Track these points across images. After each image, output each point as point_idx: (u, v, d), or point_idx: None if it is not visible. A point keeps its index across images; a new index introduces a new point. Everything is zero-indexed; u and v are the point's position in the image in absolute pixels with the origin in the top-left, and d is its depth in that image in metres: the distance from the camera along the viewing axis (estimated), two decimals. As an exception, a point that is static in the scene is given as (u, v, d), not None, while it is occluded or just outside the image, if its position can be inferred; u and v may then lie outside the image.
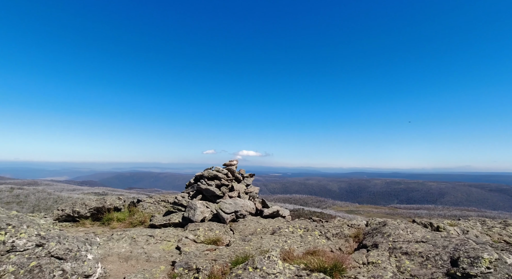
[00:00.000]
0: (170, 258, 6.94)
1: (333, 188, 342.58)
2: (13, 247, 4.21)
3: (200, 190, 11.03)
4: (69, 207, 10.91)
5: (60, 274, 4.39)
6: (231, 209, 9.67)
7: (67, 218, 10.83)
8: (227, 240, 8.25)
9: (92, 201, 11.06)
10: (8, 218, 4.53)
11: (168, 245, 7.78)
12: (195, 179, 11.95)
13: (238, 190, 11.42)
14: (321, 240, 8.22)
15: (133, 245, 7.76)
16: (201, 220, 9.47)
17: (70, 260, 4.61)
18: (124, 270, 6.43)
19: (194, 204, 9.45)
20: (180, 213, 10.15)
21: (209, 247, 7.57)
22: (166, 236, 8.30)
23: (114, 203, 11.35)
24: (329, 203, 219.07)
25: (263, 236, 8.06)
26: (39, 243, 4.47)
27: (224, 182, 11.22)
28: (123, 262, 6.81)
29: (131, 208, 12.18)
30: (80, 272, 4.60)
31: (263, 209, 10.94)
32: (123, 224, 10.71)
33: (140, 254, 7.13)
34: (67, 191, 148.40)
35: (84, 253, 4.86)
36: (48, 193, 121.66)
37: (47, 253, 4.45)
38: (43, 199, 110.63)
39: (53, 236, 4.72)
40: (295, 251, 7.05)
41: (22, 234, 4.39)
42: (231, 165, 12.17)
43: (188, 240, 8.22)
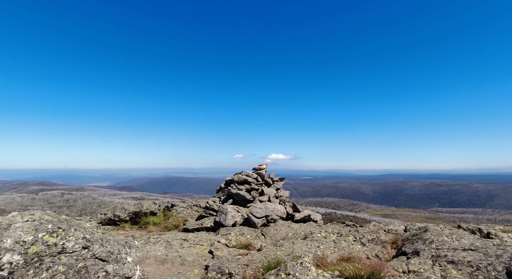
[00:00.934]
0: (203, 262, 7.09)
1: (366, 191, 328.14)
2: (63, 249, 4.57)
3: (231, 194, 11.17)
4: (111, 211, 11.65)
5: (103, 275, 4.68)
6: (261, 214, 9.66)
7: (109, 222, 11.56)
8: (259, 244, 8.23)
9: (130, 206, 11.71)
10: (59, 221, 4.94)
11: (201, 249, 7.96)
12: (226, 184, 12.14)
13: (268, 194, 11.39)
14: (356, 246, 7.88)
15: (168, 248, 8.06)
16: (232, 224, 9.56)
17: (112, 262, 4.89)
18: (160, 272, 6.69)
19: (225, 208, 9.59)
20: (211, 218, 10.36)
21: (241, 252, 7.61)
22: (199, 240, 8.50)
23: (150, 207, 11.90)
24: (363, 207, 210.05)
25: (294, 241, 7.93)
26: (85, 245, 4.81)
27: (254, 187, 11.26)
28: (160, 265, 7.09)
29: (165, 212, 12.69)
30: (121, 274, 4.86)
31: (294, 213, 10.78)
32: (158, 228, 11.18)
33: (175, 257, 7.37)
34: (109, 196, 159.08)
35: (124, 256, 5.13)
36: (93, 198, 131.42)
37: (92, 255, 4.77)
38: (88, 204, 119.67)
39: (97, 239, 5.06)
40: (329, 257, 6.83)
41: (70, 236, 4.76)
42: (261, 169, 12.19)
43: (220, 244, 8.34)
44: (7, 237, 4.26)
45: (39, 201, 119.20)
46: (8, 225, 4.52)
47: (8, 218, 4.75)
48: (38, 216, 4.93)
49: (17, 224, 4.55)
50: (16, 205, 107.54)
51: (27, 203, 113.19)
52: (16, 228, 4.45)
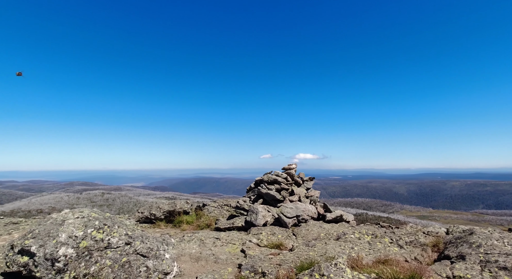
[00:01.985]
0: (236, 260, 7.22)
1: (400, 191, 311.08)
2: (109, 244, 4.92)
3: (261, 194, 11.24)
4: (147, 210, 12.28)
5: (144, 270, 4.96)
6: (292, 214, 9.60)
7: (146, 220, 12.19)
8: (290, 244, 8.20)
9: (165, 205, 12.25)
10: (104, 219, 5.33)
11: (234, 248, 8.11)
12: (255, 184, 12.24)
13: (299, 194, 11.29)
14: (392, 248, 7.54)
15: (202, 246, 8.32)
16: (263, 224, 9.62)
17: (152, 258, 5.17)
18: (195, 269, 6.93)
19: (255, 208, 9.67)
20: (242, 217, 10.50)
21: (273, 251, 7.64)
22: (231, 239, 8.66)
23: (183, 207, 12.35)
24: (397, 208, 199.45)
25: (327, 242, 7.78)
26: (128, 241, 5.13)
27: (283, 186, 11.23)
28: (194, 262, 7.34)
29: (197, 211, 13.09)
30: (160, 270, 5.11)
31: (326, 213, 10.57)
32: (191, 227, 11.58)
33: (209, 255, 7.58)
34: (144, 195, 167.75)
35: (163, 253, 5.39)
36: (129, 197, 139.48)
37: (134, 251, 5.07)
38: (126, 203, 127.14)
39: (137, 236, 5.37)
40: (364, 259, 6.62)
41: (114, 233, 5.10)
42: (290, 169, 12.12)
43: (252, 243, 8.43)
44: (62, 232, 4.68)
45: (83, 200, 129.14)
46: (62, 221, 4.96)
47: (62, 215, 5.22)
48: (86, 213, 5.35)
49: (70, 221, 4.98)
50: (63, 203, 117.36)
51: (73, 201, 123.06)
52: (69, 224, 4.87)
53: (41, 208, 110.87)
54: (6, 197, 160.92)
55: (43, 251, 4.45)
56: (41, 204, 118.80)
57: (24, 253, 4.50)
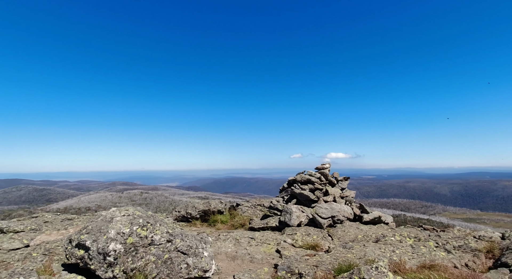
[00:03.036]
0: (271, 260, 7.23)
1: (442, 192, 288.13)
2: (152, 241, 5.21)
3: (294, 194, 11.14)
4: (183, 209, 12.78)
5: (185, 267, 5.17)
6: (327, 214, 9.39)
7: (182, 219, 12.70)
8: (326, 246, 8.02)
9: (200, 205, 12.66)
10: (147, 217, 5.65)
11: (268, 247, 8.13)
12: (288, 184, 12.16)
13: (333, 194, 11.01)
14: (439, 253, 7.03)
15: (237, 245, 8.46)
16: (297, 224, 9.52)
17: (192, 256, 5.36)
18: (232, 268, 7.07)
19: (289, 208, 9.61)
20: (276, 217, 10.49)
21: (308, 252, 7.53)
22: (266, 239, 8.70)
23: (217, 206, 12.66)
24: (438, 209, 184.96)
25: (365, 244, 7.49)
26: (169, 239, 5.38)
27: (317, 186, 11.02)
28: (230, 261, 7.50)
29: (231, 211, 13.34)
30: (200, 267, 5.29)
31: (362, 214, 10.18)
32: (226, 226, 11.83)
33: (244, 254, 7.69)
34: (178, 195, 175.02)
35: (201, 251, 5.58)
36: (165, 197, 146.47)
37: (175, 248, 5.31)
38: (162, 202, 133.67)
39: (177, 234, 5.61)
40: (407, 263, 6.26)
41: (157, 230, 5.39)
42: (324, 169, 11.86)
43: (287, 244, 8.39)
44: (111, 229, 5.05)
45: (124, 199, 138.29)
46: (111, 218, 5.35)
47: (110, 213, 5.63)
48: (131, 212, 5.71)
49: (117, 218, 5.36)
50: (108, 202, 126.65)
51: (115, 200, 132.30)
52: (117, 221, 5.24)
53: (89, 206, 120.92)
54: (60, 195, 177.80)
55: (96, 245, 4.83)
56: (89, 202, 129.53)
57: (80, 247, 4.93)
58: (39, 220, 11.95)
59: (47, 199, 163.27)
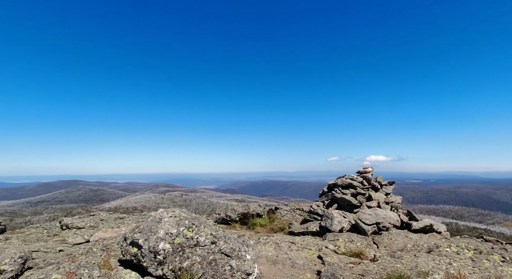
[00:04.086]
0: (313, 266, 7.05)
1: (502, 199, 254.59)
2: (198, 243, 5.41)
3: (335, 199, 10.77)
4: (223, 211, 13.10)
5: (229, 269, 5.27)
6: (371, 220, 8.91)
7: (222, 221, 13.01)
8: (371, 254, 7.60)
9: (239, 207, 12.87)
10: (192, 218, 5.89)
11: (310, 253, 7.95)
12: (328, 188, 11.80)
13: (377, 200, 10.41)
14: (506, 269, 6.25)
15: (277, 250, 8.41)
16: (339, 230, 9.18)
17: (235, 258, 5.46)
18: (273, 272, 7.04)
19: (330, 213, 9.32)
20: (316, 222, 10.24)
21: (352, 260, 7.20)
22: (307, 244, 8.52)
23: (256, 209, 12.75)
24: (498, 218, 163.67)
25: (416, 254, 6.93)
26: (213, 241, 5.55)
27: (359, 191, 10.52)
28: (271, 265, 7.47)
29: (270, 214, 13.33)
30: (243, 270, 5.35)
31: (411, 222, 9.47)
32: (265, 230, 11.84)
33: (285, 259, 7.61)
34: (216, 197, 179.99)
35: (244, 253, 5.64)
36: (203, 199, 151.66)
37: (219, 250, 5.45)
38: (200, 204, 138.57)
39: (221, 236, 5.76)
40: (467, 278, 5.66)
41: (201, 232, 5.58)
42: (366, 172, 11.29)
43: (328, 250, 8.13)
44: (160, 229, 5.36)
45: (166, 200, 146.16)
46: (160, 219, 5.68)
47: (159, 214, 5.98)
48: (178, 213, 6.00)
49: (165, 219, 5.67)
50: (151, 202, 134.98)
51: (158, 201, 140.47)
52: (165, 222, 5.55)
53: (135, 205, 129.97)
54: (111, 195, 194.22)
55: (147, 244, 5.16)
56: (135, 202, 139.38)
57: (134, 245, 5.31)
58: (96, 218, 13.18)
59: (101, 199, 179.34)
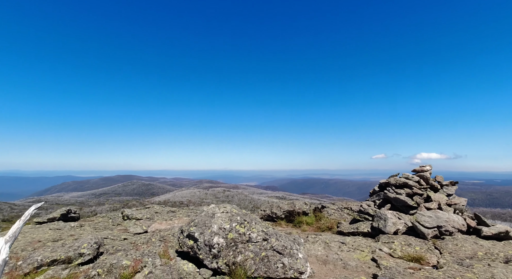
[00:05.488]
0: (367, 269, 6.70)
1: None
2: (250, 239, 5.49)
3: (388, 199, 10.09)
4: (268, 208, 13.16)
5: (281, 266, 5.25)
6: (432, 223, 8.15)
7: (268, 218, 13.08)
8: (433, 260, 6.95)
9: (284, 205, 12.81)
10: (244, 215, 5.99)
11: (362, 255, 7.57)
12: (380, 187, 11.09)
13: (438, 201, 9.48)
14: None
15: (327, 249, 8.17)
16: (394, 232, 8.59)
17: (287, 256, 5.42)
18: (324, 272, 6.84)
19: (383, 214, 8.76)
20: (367, 222, 9.72)
21: (412, 265, 6.67)
22: (358, 245, 8.13)
23: (302, 207, 12.56)
24: None
25: (491, 264, 6.15)
26: (265, 238, 5.57)
27: (416, 191, 9.69)
28: (322, 265, 7.28)
29: (316, 213, 13.03)
30: (295, 268, 5.29)
31: (479, 227, 8.45)
32: (312, 228, 11.61)
33: (336, 259, 7.36)
34: (257, 194, 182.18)
35: (296, 252, 5.57)
36: (245, 195, 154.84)
37: (271, 247, 5.46)
38: (242, 200, 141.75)
39: (272, 233, 5.76)
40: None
41: (253, 228, 5.65)
42: (424, 171, 10.34)
43: (383, 253, 7.65)
44: (214, 224, 5.55)
45: (209, 195, 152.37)
46: (213, 214, 5.88)
47: (211, 209, 6.20)
48: (229, 209, 6.16)
49: (218, 214, 5.85)
50: (196, 197, 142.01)
51: (202, 196, 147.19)
52: (218, 217, 5.73)
53: (181, 200, 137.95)
54: (160, 190, 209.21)
55: (203, 238, 5.39)
56: (182, 197, 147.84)
57: (190, 237, 5.59)
58: (151, 210, 14.25)
59: (151, 193, 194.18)
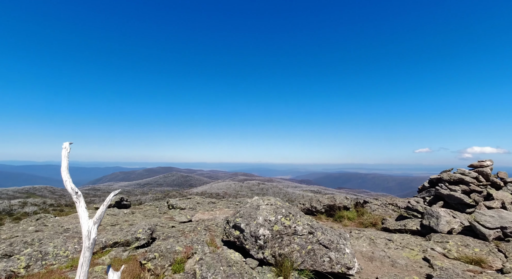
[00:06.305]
0: (419, 269, 6.31)
1: None
2: (295, 232, 5.47)
3: (440, 195, 9.34)
4: (308, 202, 13.02)
5: (328, 260, 5.17)
6: (494, 224, 7.39)
7: (307, 212, 12.96)
8: (498, 264, 6.31)
9: (324, 199, 12.56)
10: (288, 207, 5.99)
11: (412, 253, 7.15)
12: (430, 183, 10.30)
13: (501, 199, 8.54)
14: None
15: (372, 246, 7.87)
16: (448, 231, 7.96)
17: (333, 250, 5.31)
18: (371, 269, 6.61)
19: (435, 211, 8.15)
20: (416, 220, 9.14)
21: (471, 268, 6.14)
22: (407, 243, 7.70)
23: (343, 202, 12.21)
24: None
25: None
26: (310, 231, 5.52)
27: (474, 188, 8.82)
28: (368, 261, 7.03)
29: (358, 208, 12.59)
30: (342, 263, 5.17)
31: (554, 230, 7.45)
32: (353, 223, 11.25)
33: (383, 257, 7.05)
34: (291, 187, 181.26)
35: (342, 247, 5.44)
36: (279, 189, 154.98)
37: (317, 241, 5.39)
38: (276, 193, 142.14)
39: (317, 227, 5.68)
40: None
41: (298, 221, 5.62)
42: (483, 167, 9.36)
43: (436, 252, 7.15)
44: (259, 215, 5.63)
45: (244, 188, 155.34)
46: (257, 206, 5.96)
47: (255, 201, 6.29)
48: (273, 201, 6.19)
49: (262, 206, 5.92)
50: (232, 190, 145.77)
51: (238, 189, 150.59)
52: (263, 209, 5.80)
53: (218, 192, 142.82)
54: (198, 182, 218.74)
55: (249, 228, 5.50)
56: (218, 189, 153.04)
57: (236, 228, 5.74)
58: (193, 201, 14.94)
59: (190, 184, 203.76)
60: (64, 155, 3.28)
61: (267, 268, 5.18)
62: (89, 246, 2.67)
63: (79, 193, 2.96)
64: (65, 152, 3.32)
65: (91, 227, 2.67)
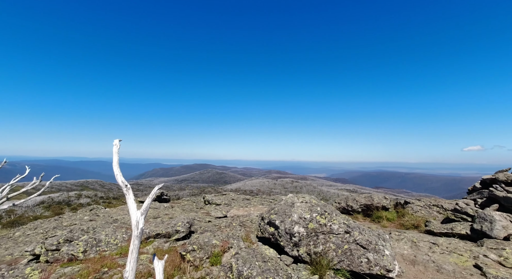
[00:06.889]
0: (469, 277, 5.82)
1: None
2: (331, 230, 5.38)
3: (495, 198, 8.47)
4: (344, 201, 12.65)
5: (366, 261, 5.01)
6: (562, 231, 6.53)
7: (343, 211, 12.60)
8: None
9: (361, 198, 12.10)
10: (323, 206, 5.90)
11: (461, 259, 6.61)
12: (482, 184, 9.38)
13: None
14: None
15: (414, 249, 7.42)
16: (504, 237, 7.21)
17: (372, 251, 5.13)
18: (413, 273, 6.25)
19: (489, 215, 7.42)
20: (465, 223, 8.41)
21: (532, 279, 5.51)
22: (455, 248, 7.13)
23: (381, 202, 11.66)
24: None
25: None
26: (347, 230, 5.39)
27: (537, 190, 7.86)
28: (410, 265, 6.66)
29: (398, 209, 11.93)
30: (382, 265, 4.97)
31: None
32: (393, 224, 10.69)
33: (427, 261, 6.62)
34: (326, 186, 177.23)
35: (382, 248, 5.22)
36: (313, 187, 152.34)
37: (354, 240, 5.25)
38: (310, 191, 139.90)
39: (354, 227, 5.52)
40: None
41: (334, 220, 5.52)
42: (549, 166, 8.30)
43: (489, 260, 6.52)
44: (294, 213, 5.63)
45: (278, 185, 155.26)
46: (292, 203, 5.97)
47: (290, 198, 6.30)
48: (308, 199, 6.14)
49: (297, 204, 5.91)
50: (265, 187, 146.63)
51: (271, 186, 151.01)
52: (298, 207, 5.79)
53: (251, 189, 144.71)
54: (232, 178, 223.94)
55: (283, 226, 5.54)
56: (251, 186, 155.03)
57: (271, 225, 5.81)
58: (228, 197, 15.35)
59: (224, 181, 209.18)
60: (115, 151, 3.61)
61: (302, 266, 5.17)
62: (138, 235, 2.93)
63: (128, 186, 3.25)
64: (116, 149, 3.66)
65: (139, 217, 2.93)
